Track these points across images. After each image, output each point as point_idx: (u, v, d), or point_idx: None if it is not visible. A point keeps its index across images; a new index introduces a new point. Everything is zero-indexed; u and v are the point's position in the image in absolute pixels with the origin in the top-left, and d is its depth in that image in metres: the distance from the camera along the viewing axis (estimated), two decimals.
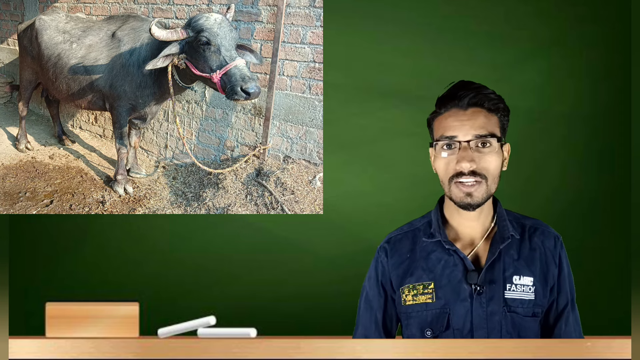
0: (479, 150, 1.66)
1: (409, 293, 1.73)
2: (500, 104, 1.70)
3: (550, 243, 1.74)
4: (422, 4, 2.64)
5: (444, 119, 1.69)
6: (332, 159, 2.68)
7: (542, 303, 1.71)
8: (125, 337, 1.70)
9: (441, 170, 1.69)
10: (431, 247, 1.74)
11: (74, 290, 2.62)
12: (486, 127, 1.67)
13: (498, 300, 1.67)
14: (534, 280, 1.70)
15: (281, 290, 2.62)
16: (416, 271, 1.73)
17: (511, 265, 1.70)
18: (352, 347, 1.60)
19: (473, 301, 1.67)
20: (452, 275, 1.70)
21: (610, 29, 2.61)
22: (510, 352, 1.58)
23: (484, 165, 1.66)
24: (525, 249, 1.73)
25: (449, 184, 1.68)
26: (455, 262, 1.71)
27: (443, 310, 1.69)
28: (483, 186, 1.66)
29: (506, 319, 1.67)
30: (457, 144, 1.66)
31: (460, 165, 1.65)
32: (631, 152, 2.34)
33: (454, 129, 1.66)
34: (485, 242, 1.73)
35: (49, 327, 1.72)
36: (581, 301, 1.83)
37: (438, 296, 1.70)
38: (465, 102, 1.67)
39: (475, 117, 1.67)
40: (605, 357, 1.60)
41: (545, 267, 1.72)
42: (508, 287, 1.68)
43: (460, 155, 1.65)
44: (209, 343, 1.60)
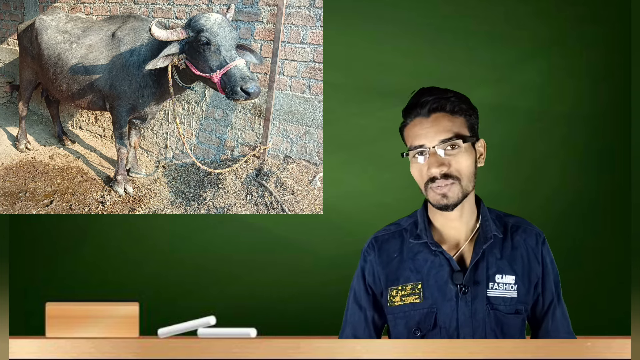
0: (448, 153, 1.70)
1: (397, 294, 1.77)
2: (463, 104, 1.73)
3: (532, 241, 1.78)
4: (422, 4, 2.64)
5: (411, 128, 1.73)
6: (332, 159, 2.67)
7: (526, 300, 1.75)
8: (125, 337, 1.70)
9: (417, 177, 1.74)
10: (418, 248, 1.78)
11: (74, 290, 2.62)
12: (451, 129, 1.70)
13: (481, 299, 1.72)
14: (516, 279, 1.74)
15: (281, 290, 2.62)
16: (404, 272, 1.77)
17: (494, 265, 1.74)
18: (352, 347, 1.60)
19: (459, 300, 1.72)
20: (439, 276, 1.74)
21: (610, 29, 2.61)
22: (510, 352, 1.58)
23: (456, 167, 1.70)
24: (508, 248, 1.77)
25: (425, 189, 1.73)
26: (441, 262, 1.75)
27: (430, 310, 1.73)
28: (457, 186, 1.70)
29: (489, 316, 1.71)
30: (426, 151, 1.70)
31: (430, 171, 1.69)
32: (631, 152, 2.34)
33: (420, 138, 1.71)
34: (470, 242, 1.77)
35: (49, 327, 1.72)
36: (581, 301, 1.84)
37: (425, 296, 1.74)
38: (426, 109, 1.71)
39: (439, 122, 1.71)
40: (605, 357, 1.60)
41: (528, 265, 1.76)
42: (491, 285, 1.73)
43: (429, 162, 1.70)
44: (209, 343, 1.60)
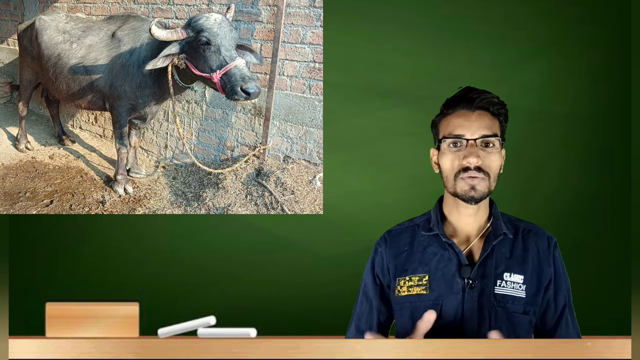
0: (484, 150, 1.76)
1: (404, 285, 1.80)
2: (503, 109, 1.80)
3: (544, 244, 1.80)
4: (422, 4, 2.64)
5: (453, 118, 1.78)
6: (332, 159, 2.68)
7: (535, 302, 1.76)
8: (125, 337, 1.70)
9: (447, 167, 1.78)
10: (428, 241, 1.81)
11: (74, 290, 2.62)
12: (491, 128, 1.77)
13: (488, 294, 1.74)
14: (525, 279, 1.76)
15: (281, 290, 2.62)
16: (412, 264, 1.80)
17: (502, 263, 1.77)
18: (352, 347, 1.60)
19: (465, 294, 1.74)
20: (447, 269, 1.77)
21: (610, 29, 2.61)
22: (510, 352, 1.58)
23: (488, 163, 1.75)
24: (518, 248, 1.79)
25: (454, 179, 1.76)
26: (450, 256, 1.78)
27: (436, 302, 1.76)
28: (486, 182, 1.75)
29: (496, 313, 1.73)
30: (464, 142, 1.75)
31: (467, 160, 1.74)
32: (631, 152, 2.34)
33: (462, 128, 1.76)
34: (479, 239, 1.80)
35: (49, 327, 1.72)
36: (581, 301, 1.84)
37: (432, 288, 1.77)
38: (473, 105, 1.77)
39: (482, 119, 1.77)
40: (605, 357, 1.60)
41: (539, 267, 1.78)
42: (499, 283, 1.75)
43: (467, 152, 1.74)
44: (209, 343, 1.60)
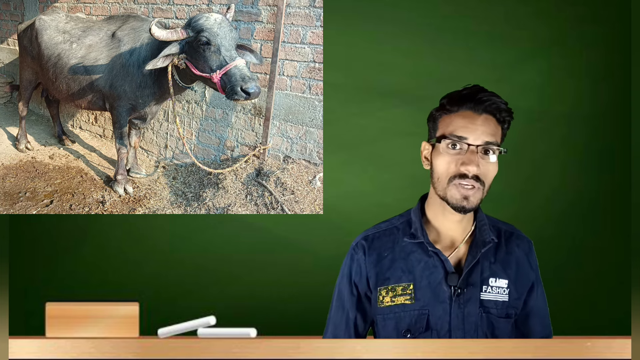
0: (483, 157, 1.65)
1: (386, 294, 1.72)
2: (509, 117, 1.68)
3: (525, 247, 1.77)
4: (422, 4, 2.64)
5: (455, 117, 1.67)
6: (332, 159, 2.67)
7: (516, 305, 1.73)
8: (125, 337, 1.70)
9: (441, 169, 1.67)
10: (411, 248, 1.73)
11: (74, 290, 2.62)
12: (495, 135, 1.66)
13: (474, 302, 1.69)
14: (509, 283, 1.72)
15: (281, 290, 2.61)
16: (396, 272, 1.72)
17: (488, 268, 1.72)
18: (352, 347, 1.59)
19: (452, 303, 1.68)
20: (432, 277, 1.70)
21: (610, 29, 2.61)
22: (510, 352, 1.58)
23: (485, 172, 1.65)
24: (502, 252, 1.74)
25: (447, 183, 1.66)
26: (435, 264, 1.70)
27: (422, 312, 1.69)
28: (480, 192, 1.65)
29: (482, 319, 1.69)
30: (465, 146, 1.64)
31: (466, 167, 1.63)
32: (631, 152, 2.34)
33: (465, 130, 1.65)
34: (464, 244, 1.73)
35: (49, 327, 1.72)
36: (581, 301, 1.84)
37: (417, 297, 1.69)
38: (481, 107, 1.65)
39: (487, 124, 1.65)
40: (605, 357, 1.60)
41: (521, 270, 1.75)
42: (484, 288, 1.70)
43: (467, 158, 1.64)
44: (209, 343, 1.60)
